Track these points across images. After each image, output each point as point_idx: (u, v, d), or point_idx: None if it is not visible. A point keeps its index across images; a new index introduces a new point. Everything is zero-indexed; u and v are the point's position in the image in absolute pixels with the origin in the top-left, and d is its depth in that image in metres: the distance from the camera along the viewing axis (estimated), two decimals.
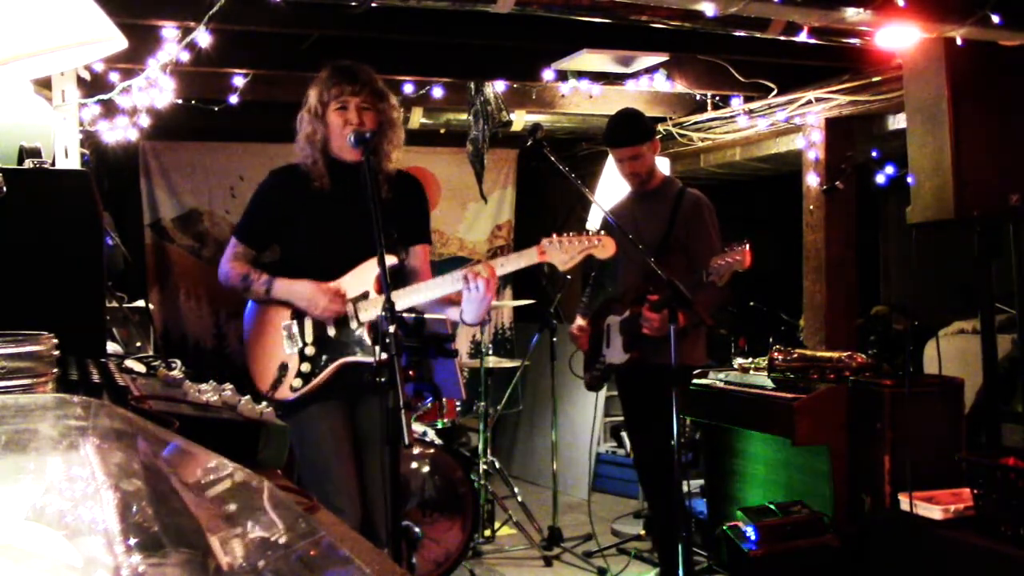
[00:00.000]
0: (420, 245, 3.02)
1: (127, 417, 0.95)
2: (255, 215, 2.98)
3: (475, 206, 6.90)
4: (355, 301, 2.85)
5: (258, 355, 2.91)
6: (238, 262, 2.93)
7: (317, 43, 4.25)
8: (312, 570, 0.64)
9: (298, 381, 2.85)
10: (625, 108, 4.14)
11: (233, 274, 2.92)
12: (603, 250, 2.80)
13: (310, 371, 2.85)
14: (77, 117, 3.09)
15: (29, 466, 0.78)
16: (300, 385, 2.85)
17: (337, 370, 2.85)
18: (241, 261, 2.93)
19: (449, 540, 4.11)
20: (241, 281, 2.91)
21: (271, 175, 3.00)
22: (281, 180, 2.96)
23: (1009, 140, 3.45)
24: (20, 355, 1.16)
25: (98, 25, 1.49)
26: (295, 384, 2.85)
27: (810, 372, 3.81)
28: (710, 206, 3.87)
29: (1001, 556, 3.00)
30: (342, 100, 2.80)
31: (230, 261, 2.94)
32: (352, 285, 2.85)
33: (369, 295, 2.84)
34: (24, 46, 1.40)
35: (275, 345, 2.90)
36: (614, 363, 3.85)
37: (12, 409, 0.89)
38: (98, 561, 0.61)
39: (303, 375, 2.85)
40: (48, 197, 2.18)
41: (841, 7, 3.15)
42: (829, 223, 5.05)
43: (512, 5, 3.06)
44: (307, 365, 2.86)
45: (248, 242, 2.95)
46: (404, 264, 2.96)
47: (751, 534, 3.56)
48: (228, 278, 2.93)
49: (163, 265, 6.27)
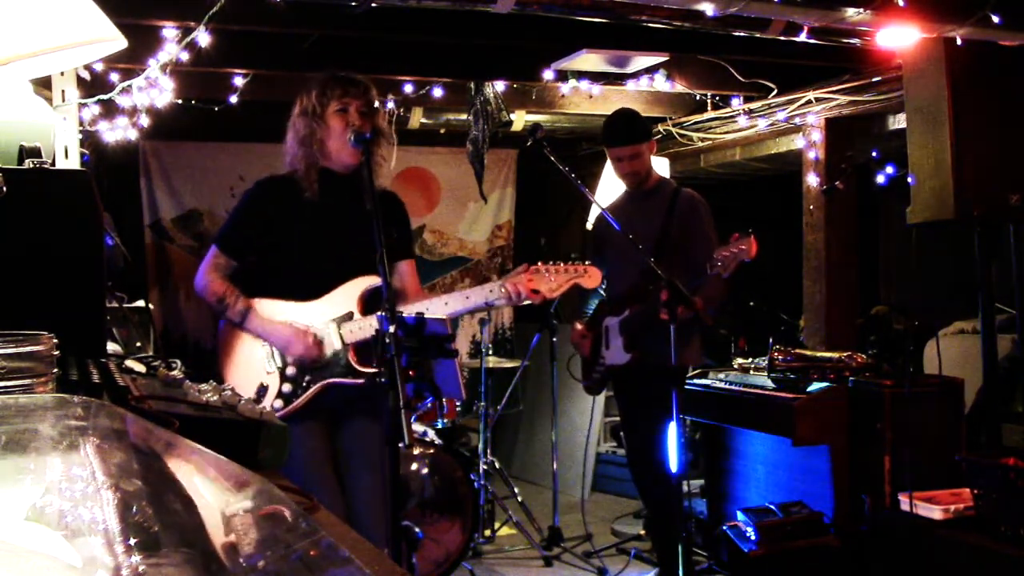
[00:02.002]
0: (405, 261, 2.98)
1: (127, 417, 0.94)
2: (239, 225, 2.89)
3: (475, 206, 6.90)
4: (339, 322, 2.79)
5: (234, 373, 2.82)
6: (216, 275, 2.83)
7: (317, 43, 4.24)
8: (312, 570, 0.64)
9: (279, 402, 2.77)
10: (622, 108, 4.14)
11: (209, 291, 2.82)
12: (589, 280, 2.83)
13: (291, 392, 2.78)
14: (77, 117, 3.09)
15: (29, 466, 0.78)
16: (281, 407, 2.76)
17: (320, 391, 2.79)
18: (220, 275, 2.83)
19: (449, 540, 4.11)
20: (216, 303, 2.81)
21: (257, 185, 2.91)
22: (267, 190, 2.88)
23: (1009, 140, 3.45)
24: (20, 355, 1.16)
25: (98, 25, 1.49)
26: (276, 405, 2.76)
27: (810, 372, 3.81)
28: (706, 204, 3.88)
29: (1001, 556, 3.00)
30: (344, 102, 2.77)
31: (208, 273, 2.84)
32: (336, 304, 2.80)
33: (353, 315, 2.79)
34: (24, 46, 1.40)
35: (253, 364, 2.81)
36: (615, 364, 3.84)
37: (12, 409, 0.89)
38: (98, 561, 0.61)
39: (284, 396, 2.78)
40: (48, 197, 2.18)
41: (841, 7, 3.15)
42: (829, 223, 5.05)
43: (512, 5, 3.06)
44: (288, 386, 2.78)
45: (229, 252, 2.86)
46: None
47: (751, 534, 3.56)
48: (204, 293, 2.84)
49: (163, 265, 6.27)
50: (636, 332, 3.71)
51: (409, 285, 2.96)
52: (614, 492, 6.12)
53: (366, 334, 2.71)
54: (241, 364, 2.83)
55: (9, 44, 1.38)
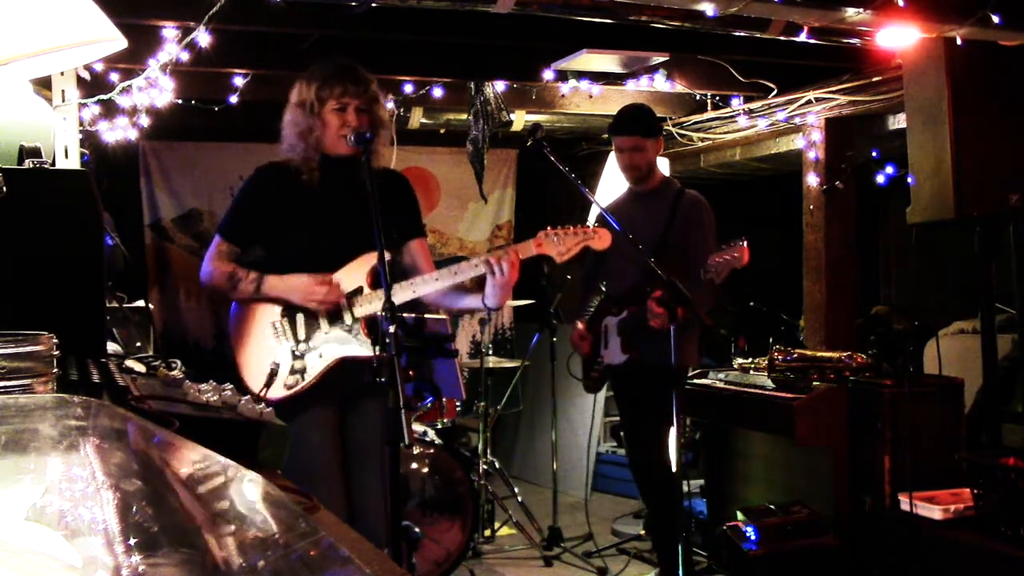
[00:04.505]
0: (415, 240, 2.97)
1: (127, 417, 0.94)
2: (241, 212, 2.90)
3: (475, 206, 6.90)
4: (349, 296, 2.81)
5: (248, 355, 2.83)
6: (222, 261, 2.83)
7: (317, 43, 4.24)
8: (312, 570, 0.64)
9: (292, 379, 2.78)
10: (636, 102, 4.16)
11: (217, 273, 2.82)
12: (599, 241, 2.81)
13: (304, 368, 2.80)
14: (77, 117, 3.08)
15: (29, 466, 0.78)
16: (294, 383, 2.78)
17: (333, 367, 2.80)
18: (225, 260, 2.84)
19: (449, 540, 4.11)
20: (227, 280, 2.81)
21: (257, 171, 2.92)
22: (268, 176, 2.89)
23: (1009, 140, 3.46)
24: (20, 355, 1.16)
25: (98, 25, 1.49)
26: (289, 382, 2.77)
27: (810, 372, 3.81)
28: (709, 208, 3.88)
29: (1001, 556, 3.00)
30: (342, 101, 2.76)
31: (213, 260, 2.84)
32: (345, 281, 2.81)
33: (363, 290, 2.81)
34: (24, 46, 1.40)
35: (265, 344, 2.82)
36: (612, 364, 3.85)
37: (12, 409, 0.89)
38: (98, 561, 0.61)
39: (297, 372, 2.79)
40: (48, 197, 2.18)
41: (841, 7, 3.15)
42: (829, 223, 5.05)
43: (512, 5, 3.06)
44: (301, 363, 2.80)
45: (233, 240, 2.86)
46: (399, 262, 2.94)
47: (751, 534, 3.56)
48: (212, 278, 2.83)
49: (163, 265, 6.26)
50: (634, 333, 3.71)
51: (422, 264, 2.95)
52: (614, 492, 6.11)
53: (376, 308, 2.71)
54: (253, 345, 2.84)
55: (9, 44, 1.38)
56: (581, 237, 2.79)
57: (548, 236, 2.78)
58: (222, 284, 2.84)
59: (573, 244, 2.79)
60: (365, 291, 2.81)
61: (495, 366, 5.30)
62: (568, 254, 2.79)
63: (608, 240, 2.83)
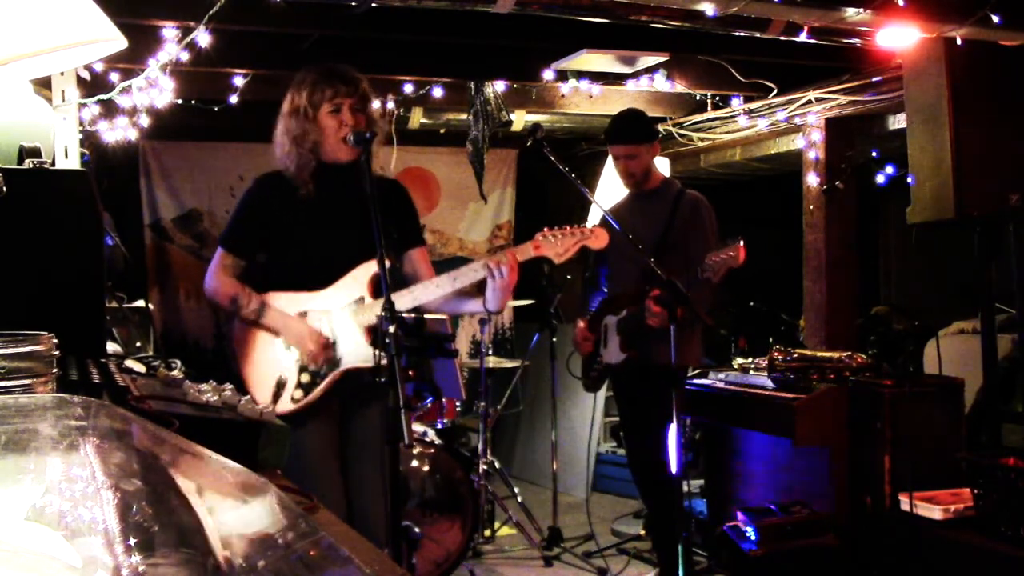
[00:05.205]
0: (415, 249, 2.98)
1: (127, 417, 0.94)
2: (242, 223, 2.90)
3: (475, 206, 6.90)
4: (352, 307, 2.81)
5: (253, 368, 2.85)
6: (226, 277, 2.84)
7: (317, 43, 4.24)
8: (312, 570, 0.64)
9: (299, 392, 2.80)
10: (630, 108, 4.15)
11: (221, 293, 2.83)
12: (596, 241, 2.82)
13: (311, 382, 2.80)
14: (77, 117, 3.08)
15: (29, 466, 0.78)
16: (301, 396, 2.79)
17: (338, 378, 2.81)
18: (229, 276, 2.84)
19: (449, 540, 4.11)
20: (230, 303, 2.82)
21: (256, 182, 2.92)
22: (267, 186, 2.89)
23: (1009, 140, 3.45)
24: (20, 355, 1.16)
25: (98, 25, 1.49)
26: (296, 395, 2.79)
27: (810, 372, 3.81)
28: (709, 208, 3.88)
29: (1001, 556, 3.00)
30: (336, 102, 2.75)
31: (217, 275, 2.85)
32: (347, 290, 2.82)
33: (365, 299, 2.81)
34: (24, 46, 1.40)
35: (271, 358, 2.83)
36: (611, 363, 3.85)
37: (12, 409, 0.89)
38: (98, 561, 0.61)
39: (304, 386, 2.80)
40: (48, 197, 2.18)
41: (841, 7, 3.15)
42: (829, 223, 5.05)
43: (512, 5, 3.06)
44: (307, 376, 2.81)
45: (235, 252, 2.87)
46: (399, 270, 2.93)
47: (751, 534, 3.56)
48: (215, 295, 2.85)
49: (163, 265, 6.26)
50: (633, 332, 3.71)
51: (422, 272, 2.95)
52: (614, 492, 6.11)
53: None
54: (259, 360, 2.85)
55: (9, 44, 1.38)
56: (578, 237, 2.80)
57: (546, 237, 2.79)
58: (225, 305, 2.85)
59: (570, 244, 2.79)
60: (367, 300, 2.81)
61: (495, 366, 5.29)
62: (566, 254, 2.80)
63: (605, 239, 2.84)
